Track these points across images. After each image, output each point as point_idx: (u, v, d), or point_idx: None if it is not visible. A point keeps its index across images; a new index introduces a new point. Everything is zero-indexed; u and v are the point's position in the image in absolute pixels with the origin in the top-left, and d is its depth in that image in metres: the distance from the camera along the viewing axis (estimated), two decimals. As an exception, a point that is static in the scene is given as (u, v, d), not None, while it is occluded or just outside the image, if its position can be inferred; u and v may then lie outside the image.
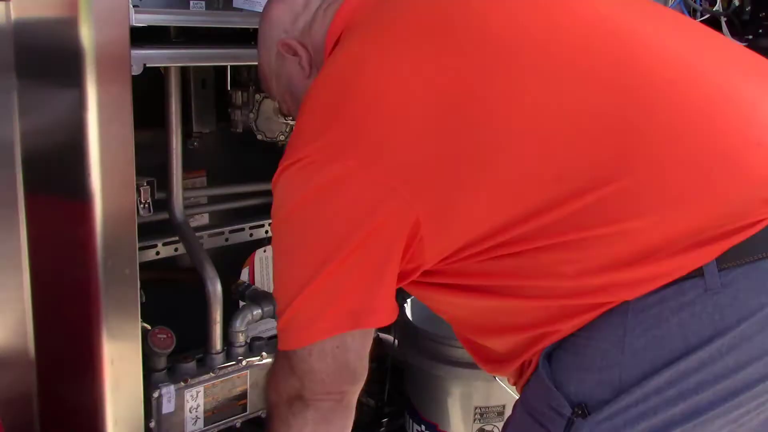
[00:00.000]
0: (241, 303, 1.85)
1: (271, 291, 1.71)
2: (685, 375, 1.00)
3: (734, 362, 1.00)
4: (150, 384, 1.59)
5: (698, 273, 0.99)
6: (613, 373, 1.04)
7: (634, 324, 1.02)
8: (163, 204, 1.75)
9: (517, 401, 1.21)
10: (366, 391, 2.23)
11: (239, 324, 1.74)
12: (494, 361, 1.26)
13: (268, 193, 2.12)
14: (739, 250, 0.99)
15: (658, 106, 1.03)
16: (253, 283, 2.11)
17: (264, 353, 1.77)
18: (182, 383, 1.63)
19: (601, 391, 1.05)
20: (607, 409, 1.03)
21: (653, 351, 1.02)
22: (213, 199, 2.07)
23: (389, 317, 1.13)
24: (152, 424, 1.59)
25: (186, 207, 1.82)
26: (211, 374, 1.68)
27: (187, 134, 1.89)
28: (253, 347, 1.78)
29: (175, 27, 1.52)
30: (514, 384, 1.26)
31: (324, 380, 1.15)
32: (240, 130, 1.92)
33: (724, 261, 0.99)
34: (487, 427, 1.90)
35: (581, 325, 1.07)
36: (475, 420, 1.89)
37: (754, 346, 0.99)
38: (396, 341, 2.17)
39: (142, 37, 1.36)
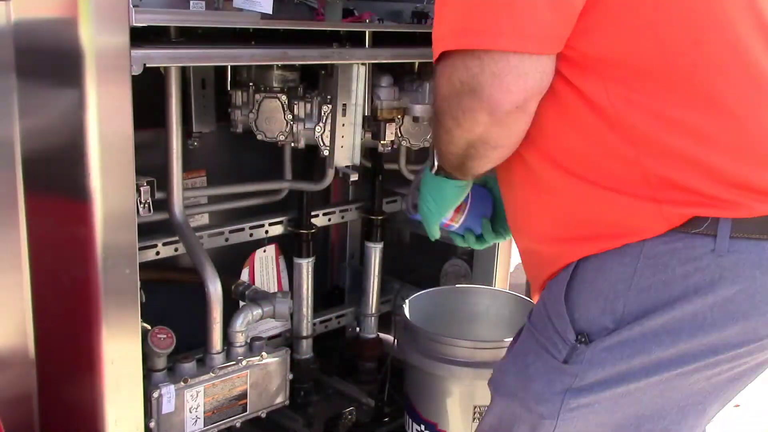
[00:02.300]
0: (241, 303, 1.86)
1: (271, 291, 1.72)
2: (681, 321, 1.11)
3: (721, 322, 1.11)
4: (150, 384, 1.59)
5: (710, 233, 1.10)
6: (617, 305, 1.15)
7: (644, 266, 1.13)
8: (163, 204, 1.75)
9: (522, 326, 1.30)
10: (366, 391, 2.25)
11: (239, 324, 1.74)
12: (536, 266, 1.32)
13: (268, 193, 2.14)
14: (750, 225, 1.11)
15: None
16: (253, 283, 2.11)
17: (264, 353, 1.78)
18: (182, 383, 1.63)
19: (604, 320, 1.16)
20: (609, 339, 1.15)
21: (656, 292, 1.12)
22: (213, 199, 2.07)
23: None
24: (152, 424, 1.59)
25: (186, 207, 1.83)
26: (211, 374, 1.68)
27: (187, 134, 1.89)
28: (253, 347, 1.78)
29: (175, 27, 1.52)
30: (533, 278, 1.35)
31: None
32: (240, 130, 1.92)
33: (735, 231, 1.10)
34: (487, 427, 1.91)
35: (604, 247, 1.16)
36: (474, 419, 1.89)
37: (740, 311, 1.11)
38: (396, 341, 2.17)
39: (142, 37, 1.36)
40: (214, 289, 1.70)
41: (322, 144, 1.87)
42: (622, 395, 1.16)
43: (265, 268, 2.18)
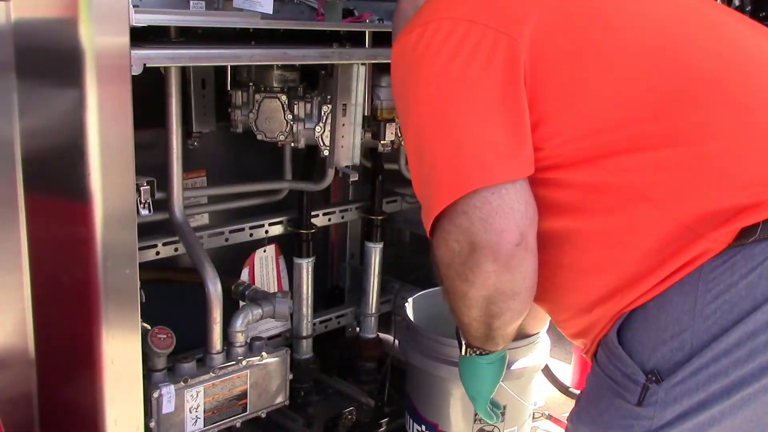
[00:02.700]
0: (241, 303, 1.85)
1: (271, 291, 1.73)
2: (754, 334, 1.06)
3: None
4: (150, 384, 1.59)
5: (766, 236, 1.06)
6: (685, 339, 1.10)
7: (705, 291, 1.09)
8: (163, 204, 1.75)
9: (588, 374, 1.27)
10: (366, 391, 2.25)
11: (239, 324, 1.74)
12: (570, 327, 1.31)
13: (268, 193, 2.14)
14: None
15: (752, 66, 1.16)
16: (253, 283, 2.11)
17: (264, 353, 1.77)
18: (182, 383, 1.63)
19: (673, 356, 1.11)
20: (681, 373, 1.10)
21: (723, 315, 1.08)
22: (213, 199, 2.07)
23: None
24: (152, 424, 1.59)
25: (186, 207, 1.83)
26: (211, 374, 1.68)
27: (187, 134, 1.89)
28: (253, 347, 1.78)
29: (175, 27, 1.52)
30: (585, 353, 1.30)
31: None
32: (240, 130, 1.92)
33: None
34: (488, 428, 1.90)
35: (657, 290, 1.13)
36: (475, 420, 1.89)
37: None
38: (396, 341, 2.17)
39: (142, 37, 1.36)
40: (214, 289, 1.70)
41: (322, 144, 1.87)
42: (708, 424, 1.11)
43: (265, 268, 2.18)
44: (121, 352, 1.39)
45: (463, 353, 1.44)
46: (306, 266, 2.12)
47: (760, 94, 1.15)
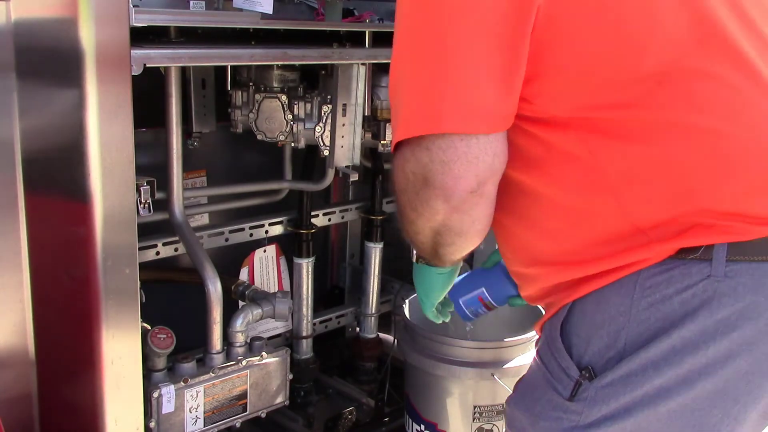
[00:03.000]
0: (241, 303, 1.86)
1: (271, 291, 1.73)
2: (681, 350, 1.08)
3: (725, 348, 1.07)
4: (150, 384, 1.59)
5: (706, 258, 1.07)
6: (619, 338, 1.12)
7: (641, 297, 1.10)
8: (163, 204, 1.75)
9: (532, 360, 1.29)
10: (366, 391, 2.25)
11: (239, 324, 1.74)
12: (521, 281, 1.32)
13: (268, 193, 2.14)
14: (747, 248, 1.07)
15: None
16: (253, 283, 2.11)
17: (264, 353, 1.78)
18: (182, 383, 1.63)
19: (608, 353, 1.13)
20: (611, 375, 1.12)
21: (655, 322, 1.09)
22: (213, 199, 2.07)
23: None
24: (152, 424, 1.59)
25: (186, 207, 1.83)
26: (211, 374, 1.68)
27: (187, 134, 1.89)
28: (253, 347, 1.78)
29: (175, 27, 1.52)
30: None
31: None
32: (240, 130, 1.92)
33: (732, 254, 1.06)
34: (487, 426, 1.90)
35: (594, 284, 1.14)
36: (474, 419, 1.89)
37: (743, 335, 1.07)
38: (396, 341, 2.17)
39: (142, 37, 1.36)
40: (214, 289, 1.70)
41: (322, 144, 1.87)
42: (632, 430, 1.12)
43: (265, 268, 2.18)
44: (121, 352, 1.39)
45: (414, 260, 1.45)
46: (306, 266, 2.12)
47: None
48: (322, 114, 1.84)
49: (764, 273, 1.07)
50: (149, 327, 1.58)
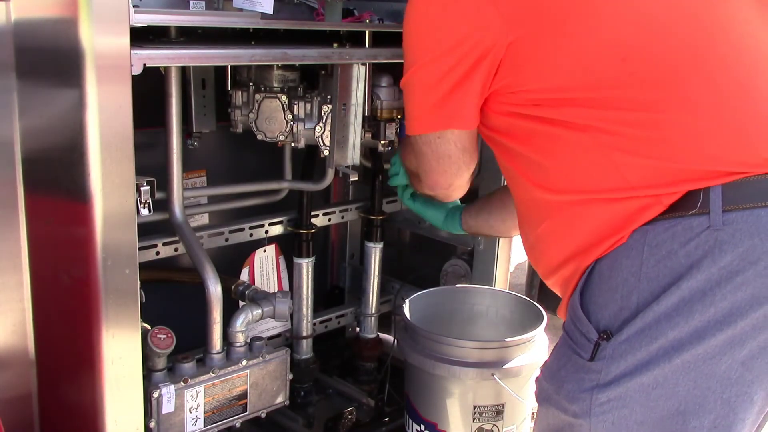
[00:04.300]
0: (241, 303, 1.85)
1: (271, 291, 1.76)
2: (690, 300, 1.17)
3: (730, 292, 1.16)
4: (150, 384, 1.59)
5: (705, 211, 1.18)
6: (632, 300, 1.22)
7: (649, 256, 1.21)
8: (163, 204, 1.75)
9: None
10: (366, 391, 2.25)
11: (239, 324, 1.74)
12: (562, 285, 1.40)
13: (268, 193, 2.14)
14: (740, 195, 1.18)
15: (728, 45, 1.24)
16: (253, 283, 2.11)
17: (264, 353, 1.77)
18: (182, 383, 1.63)
19: (623, 314, 1.22)
20: (626, 331, 1.21)
21: (664, 278, 1.19)
22: (213, 199, 2.07)
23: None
24: (152, 424, 1.59)
25: (186, 207, 1.83)
26: (211, 374, 1.68)
27: (187, 134, 1.89)
28: (253, 347, 1.78)
29: (175, 27, 1.52)
30: (562, 296, 1.42)
31: None
32: (240, 130, 1.92)
33: (727, 203, 1.17)
34: (486, 426, 1.90)
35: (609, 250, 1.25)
36: (474, 419, 1.89)
37: (746, 278, 1.16)
38: (396, 341, 2.17)
39: (142, 37, 1.35)
40: (214, 289, 1.70)
41: (322, 144, 1.87)
42: (651, 387, 1.19)
43: (265, 268, 2.18)
44: (121, 352, 1.39)
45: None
46: (306, 266, 2.12)
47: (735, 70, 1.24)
48: (322, 114, 1.84)
49: (757, 217, 1.17)
50: (149, 327, 1.58)
